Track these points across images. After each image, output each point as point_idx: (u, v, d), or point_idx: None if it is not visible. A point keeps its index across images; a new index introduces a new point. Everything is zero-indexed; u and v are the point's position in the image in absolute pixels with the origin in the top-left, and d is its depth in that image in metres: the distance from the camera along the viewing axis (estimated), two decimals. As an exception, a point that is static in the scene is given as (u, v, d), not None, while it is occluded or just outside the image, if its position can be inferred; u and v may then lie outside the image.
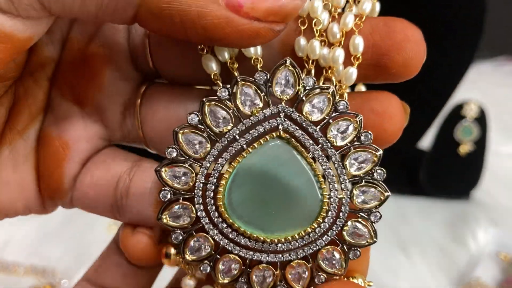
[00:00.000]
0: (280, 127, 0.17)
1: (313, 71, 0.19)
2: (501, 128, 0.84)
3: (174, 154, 0.18)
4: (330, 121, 0.18)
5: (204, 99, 0.18)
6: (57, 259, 0.55)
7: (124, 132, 0.22)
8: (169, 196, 0.19)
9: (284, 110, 0.17)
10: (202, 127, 0.18)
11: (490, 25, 0.57)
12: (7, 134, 0.20)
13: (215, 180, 0.18)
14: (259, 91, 0.18)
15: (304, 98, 0.18)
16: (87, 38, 0.21)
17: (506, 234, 0.60)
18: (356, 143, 0.18)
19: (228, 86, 0.18)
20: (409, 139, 0.65)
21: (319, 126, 0.18)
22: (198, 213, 0.18)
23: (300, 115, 0.18)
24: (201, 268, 0.19)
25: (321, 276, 0.19)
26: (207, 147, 0.18)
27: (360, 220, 0.19)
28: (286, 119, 0.17)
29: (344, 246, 0.19)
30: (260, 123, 0.18)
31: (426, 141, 0.66)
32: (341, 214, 0.19)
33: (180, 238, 0.19)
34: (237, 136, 0.18)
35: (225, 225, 0.18)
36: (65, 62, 0.21)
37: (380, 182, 0.19)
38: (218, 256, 0.19)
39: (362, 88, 0.22)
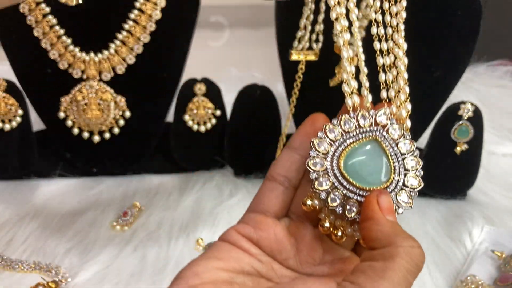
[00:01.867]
0: (376, 135, 0.31)
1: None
2: (495, 128, 0.85)
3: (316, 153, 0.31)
4: (401, 140, 0.31)
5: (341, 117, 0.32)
6: (61, 257, 0.56)
7: None
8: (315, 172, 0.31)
9: (378, 129, 0.31)
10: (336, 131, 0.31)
11: (486, 29, 0.58)
12: None
13: (338, 155, 0.31)
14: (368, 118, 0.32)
15: (389, 126, 0.31)
16: None
17: (501, 232, 0.60)
18: (412, 154, 0.31)
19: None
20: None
21: (395, 141, 0.31)
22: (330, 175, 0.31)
23: (386, 133, 0.31)
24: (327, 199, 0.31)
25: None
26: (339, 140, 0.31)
27: (407, 192, 0.31)
28: (379, 133, 0.31)
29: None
30: (366, 132, 0.31)
31: (423, 141, 0.66)
32: (397, 186, 0.31)
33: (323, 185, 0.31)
34: (354, 134, 0.31)
35: (342, 178, 0.30)
36: None
37: (420, 176, 0.32)
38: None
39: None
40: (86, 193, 0.67)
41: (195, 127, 0.69)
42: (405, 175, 0.31)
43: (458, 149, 0.64)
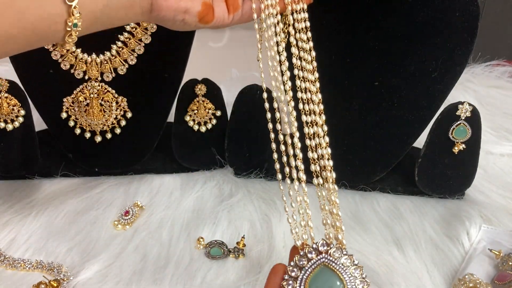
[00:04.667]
0: (323, 261, 0.38)
1: None
2: (492, 128, 0.85)
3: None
4: (342, 256, 0.38)
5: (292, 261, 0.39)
6: (63, 256, 0.56)
7: None
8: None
9: (323, 255, 0.38)
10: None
11: (484, 30, 0.58)
12: None
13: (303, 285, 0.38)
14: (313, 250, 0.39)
15: (330, 250, 0.39)
16: None
17: (499, 231, 0.61)
18: (352, 264, 0.38)
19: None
20: (404, 139, 0.66)
21: (338, 259, 0.38)
22: None
23: (330, 256, 0.38)
24: None
25: None
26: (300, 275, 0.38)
27: None
28: (325, 258, 0.38)
29: None
30: (316, 261, 0.38)
31: (421, 141, 0.66)
32: None
33: None
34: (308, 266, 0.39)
35: None
36: None
37: (365, 279, 0.38)
38: None
39: None
40: (88, 193, 0.67)
41: (196, 127, 0.69)
42: (355, 282, 0.38)
43: (456, 149, 0.64)
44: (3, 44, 0.37)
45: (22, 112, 0.64)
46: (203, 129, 0.69)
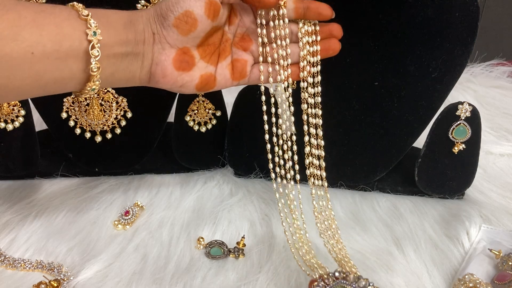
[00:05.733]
0: (340, 284, 0.43)
1: None
2: (492, 128, 0.85)
3: None
4: (360, 280, 0.43)
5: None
6: (63, 255, 0.56)
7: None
8: None
9: (340, 280, 0.43)
10: None
11: (483, 30, 0.58)
12: (219, 60, 0.49)
13: None
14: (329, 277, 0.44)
15: (346, 276, 0.44)
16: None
17: (499, 231, 0.61)
18: (369, 285, 0.43)
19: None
20: (404, 139, 0.66)
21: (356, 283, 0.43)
22: None
23: (345, 280, 0.43)
24: None
25: None
26: None
27: None
28: (341, 281, 0.43)
29: None
30: (332, 285, 0.44)
31: (421, 141, 0.66)
32: None
33: None
34: None
35: None
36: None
37: None
38: None
39: None
40: (88, 193, 0.67)
41: (196, 127, 0.69)
42: None
43: (456, 149, 0.64)
44: (9, 93, 0.39)
45: (22, 112, 0.65)
46: (203, 129, 0.69)
